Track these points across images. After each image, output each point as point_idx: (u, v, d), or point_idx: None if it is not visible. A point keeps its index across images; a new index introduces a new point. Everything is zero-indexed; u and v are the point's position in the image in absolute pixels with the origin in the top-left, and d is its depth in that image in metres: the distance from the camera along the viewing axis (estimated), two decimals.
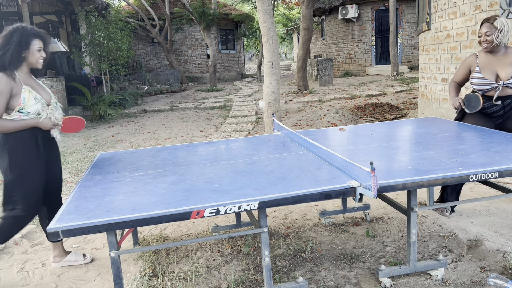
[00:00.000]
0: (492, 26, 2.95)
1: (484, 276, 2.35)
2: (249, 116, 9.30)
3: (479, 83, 3.07)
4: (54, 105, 2.61)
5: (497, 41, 2.96)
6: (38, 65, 2.51)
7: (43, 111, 2.48)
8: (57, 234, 1.68)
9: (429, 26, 6.05)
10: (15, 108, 2.39)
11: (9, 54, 2.36)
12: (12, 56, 2.37)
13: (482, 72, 3.07)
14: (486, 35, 2.98)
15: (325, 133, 3.33)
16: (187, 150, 3.00)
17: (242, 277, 2.46)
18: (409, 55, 16.12)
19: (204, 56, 19.50)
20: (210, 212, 1.79)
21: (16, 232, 2.53)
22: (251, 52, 35.02)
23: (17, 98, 2.39)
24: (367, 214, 3.25)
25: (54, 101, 2.62)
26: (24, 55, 2.43)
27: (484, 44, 3.02)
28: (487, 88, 3.04)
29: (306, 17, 11.41)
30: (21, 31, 2.39)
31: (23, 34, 2.39)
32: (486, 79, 3.04)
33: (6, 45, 2.37)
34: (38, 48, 2.46)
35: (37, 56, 2.47)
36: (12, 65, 2.39)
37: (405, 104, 9.15)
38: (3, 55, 2.36)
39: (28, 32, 2.42)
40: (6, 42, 2.37)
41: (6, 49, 2.36)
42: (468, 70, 3.19)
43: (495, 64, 3.04)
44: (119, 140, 7.34)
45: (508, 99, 3.03)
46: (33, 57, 2.46)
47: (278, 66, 5.54)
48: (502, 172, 2.01)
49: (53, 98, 2.63)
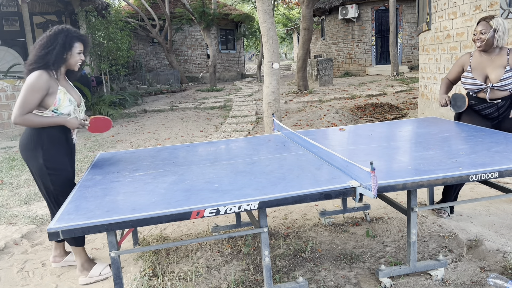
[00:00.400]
0: (487, 25, 2.91)
1: (484, 276, 2.35)
2: (249, 116, 9.30)
3: (468, 83, 3.06)
4: (82, 107, 2.67)
5: (495, 43, 2.91)
6: (75, 68, 2.58)
7: (74, 113, 2.55)
8: (57, 234, 1.68)
9: (429, 26, 6.05)
10: (50, 107, 2.45)
11: (53, 55, 2.42)
12: (56, 57, 2.43)
13: (473, 72, 3.05)
14: (480, 33, 2.94)
15: (325, 133, 3.33)
16: (187, 150, 3.00)
17: (242, 277, 2.46)
18: (409, 55, 16.13)
19: (204, 56, 19.50)
20: (210, 212, 1.79)
21: None
22: (251, 52, 35.02)
23: (52, 98, 2.44)
24: (367, 214, 3.25)
25: (82, 103, 2.68)
26: (65, 57, 2.49)
27: (478, 42, 2.98)
28: (475, 89, 3.03)
29: (306, 17, 11.41)
30: (66, 33, 2.46)
31: (67, 36, 2.46)
32: (475, 79, 3.02)
33: (51, 45, 2.42)
34: (78, 51, 2.53)
35: (77, 59, 2.54)
36: (55, 65, 2.45)
37: (405, 104, 9.15)
38: (46, 55, 2.41)
39: (72, 34, 2.49)
40: (51, 43, 2.43)
41: (50, 49, 2.42)
42: (461, 68, 3.17)
43: (487, 65, 3.00)
44: (119, 140, 7.34)
45: (502, 101, 3.00)
46: (73, 59, 2.52)
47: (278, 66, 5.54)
48: (502, 172, 2.01)
49: (82, 101, 2.69)
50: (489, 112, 3.06)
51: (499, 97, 2.98)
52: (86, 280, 2.56)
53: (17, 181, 4.90)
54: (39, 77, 2.38)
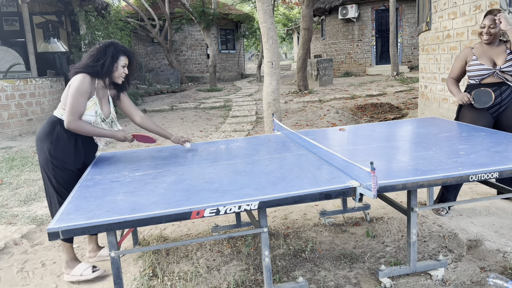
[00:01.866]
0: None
1: (484, 276, 2.35)
2: (249, 116, 9.29)
3: (476, 70, 3.12)
4: (109, 121, 2.72)
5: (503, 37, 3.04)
6: (118, 80, 2.66)
7: (95, 125, 2.59)
8: (57, 234, 1.68)
9: (429, 26, 6.05)
10: None
11: (105, 67, 2.54)
12: (108, 69, 2.55)
13: (479, 59, 3.13)
14: (490, 27, 3.03)
15: (325, 133, 3.33)
16: (187, 150, 3.00)
17: (242, 277, 2.46)
18: (409, 55, 16.13)
19: (204, 56, 19.50)
20: (210, 212, 1.79)
21: None
22: (251, 52, 35.00)
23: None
24: (367, 214, 3.25)
25: (110, 118, 2.73)
26: (112, 68, 2.58)
27: (486, 36, 3.07)
28: (484, 74, 3.09)
29: (306, 17, 11.41)
30: (114, 46, 2.59)
31: (116, 49, 2.58)
32: (483, 64, 3.09)
33: (102, 58, 2.54)
34: (123, 64, 2.63)
35: (121, 72, 2.63)
36: (104, 75, 2.56)
37: (405, 104, 9.15)
38: (95, 65, 2.53)
39: (119, 48, 2.61)
40: (102, 55, 2.55)
41: (102, 61, 2.54)
42: (464, 62, 3.24)
43: (491, 53, 3.12)
44: None
45: (505, 86, 3.08)
46: (117, 72, 2.62)
47: (278, 66, 5.54)
48: (502, 172, 2.01)
49: (112, 115, 2.74)
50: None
51: (503, 80, 3.08)
52: (69, 277, 2.61)
53: (17, 181, 4.89)
54: (83, 80, 2.48)
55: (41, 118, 8.77)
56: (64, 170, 2.53)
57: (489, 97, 3.09)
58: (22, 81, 8.38)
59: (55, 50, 13.32)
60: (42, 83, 9.06)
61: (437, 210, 3.23)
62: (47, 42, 13.29)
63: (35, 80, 8.82)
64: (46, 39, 13.27)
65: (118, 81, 2.66)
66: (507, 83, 3.08)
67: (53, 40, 13.32)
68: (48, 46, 13.32)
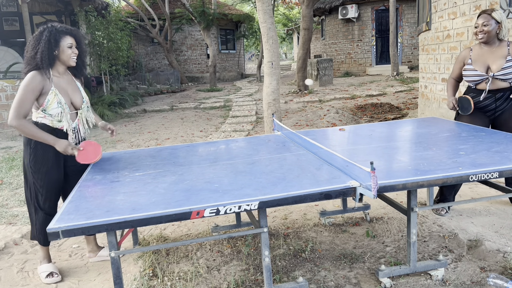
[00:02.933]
0: (489, 17, 2.95)
1: (484, 276, 2.35)
2: (249, 116, 9.29)
3: (470, 75, 3.09)
4: (85, 109, 2.63)
5: (501, 36, 2.97)
6: (70, 62, 2.52)
7: (63, 117, 2.50)
8: (57, 234, 1.68)
9: (429, 26, 6.05)
10: (40, 108, 2.45)
11: (39, 53, 2.39)
12: (43, 55, 2.40)
13: (474, 64, 3.08)
14: (483, 25, 2.98)
15: (325, 133, 3.33)
16: (187, 150, 3.00)
17: (242, 277, 2.46)
18: (409, 55, 16.12)
19: (204, 56, 19.49)
20: (210, 212, 1.79)
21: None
22: (251, 52, 35.01)
23: (44, 97, 2.43)
24: (367, 214, 3.25)
25: (84, 106, 2.64)
26: (55, 53, 2.45)
27: (480, 35, 3.01)
28: (477, 80, 3.05)
29: (306, 17, 11.41)
30: (49, 30, 2.43)
31: (51, 32, 2.42)
32: (476, 70, 3.05)
33: (37, 45, 2.41)
34: (68, 45, 2.47)
35: (68, 53, 2.48)
36: (45, 64, 2.42)
37: (405, 104, 9.15)
38: (35, 55, 2.40)
39: (57, 29, 2.45)
40: (37, 42, 2.41)
41: (37, 48, 2.40)
42: (462, 64, 3.20)
43: (488, 57, 3.04)
44: (119, 140, 7.34)
45: (500, 93, 3.03)
46: (64, 54, 2.47)
47: (278, 66, 5.54)
48: (502, 172, 2.01)
49: (85, 102, 2.65)
50: (486, 104, 3.08)
51: (499, 87, 3.01)
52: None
53: (17, 181, 4.89)
54: (31, 78, 2.38)
55: None
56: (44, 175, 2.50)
57: (469, 104, 3.07)
58: (21, 81, 8.37)
59: None
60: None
61: (437, 210, 3.23)
62: None
63: None
64: None
65: (72, 63, 2.52)
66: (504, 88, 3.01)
67: None
68: None
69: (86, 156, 2.53)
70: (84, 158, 2.52)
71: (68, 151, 2.44)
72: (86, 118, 2.68)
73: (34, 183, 2.51)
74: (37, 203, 2.54)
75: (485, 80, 3.02)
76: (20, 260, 2.91)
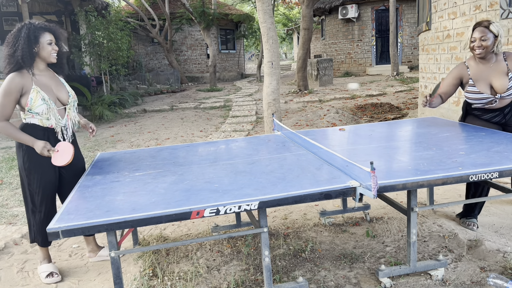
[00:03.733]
0: (487, 30, 2.75)
1: (484, 276, 2.35)
2: (249, 116, 9.29)
3: (475, 98, 2.89)
4: (72, 104, 2.59)
5: (496, 50, 2.80)
6: (51, 59, 2.48)
7: (49, 113, 2.46)
8: (57, 234, 1.68)
9: (429, 26, 6.05)
10: (26, 108, 2.42)
11: (19, 51, 2.35)
12: (23, 52, 2.36)
13: (476, 84, 2.86)
14: (481, 39, 2.76)
15: (325, 133, 3.33)
16: (187, 150, 3.00)
17: (242, 277, 2.46)
18: (409, 55, 16.12)
19: (204, 56, 19.49)
20: (210, 212, 1.79)
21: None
22: (251, 52, 35.00)
23: (26, 97, 2.40)
24: (367, 214, 3.25)
25: (72, 101, 2.59)
26: (35, 50, 2.42)
27: (478, 50, 2.79)
28: (484, 103, 2.88)
29: (306, 17, 11.40)
30: (28, 26, 2.39)
31: (30, 29, 2.39)
32: (482, 93, 2.84)
33: (16, 42, 2.36)
34: (48, 42, 2.44)
35: (49, 50, 2.45)
36: (26, 62, 2.38)
37: (405, 104, 9.15)
38: (14, 53, 2.36)
39: (36, 26, 2.41)
40: (16, 40, 2.37)
41: (16, 46, 2.36)
42: (457, 80, 2.97)
43: (488, 74, 2.84)
44: (119, 140, 7.34)
45: (507, 108, 2.89)
46: (44, 51, 2.44)
47: (278, 66, 5.54)
48: (502, 172, 2.01)
49: (71, 98, 2.60)
50: (496, 120, 2.95)
51: (505, 104, 2.88)
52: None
53: (17, 181, 4.89)
54: (10, 80, 2.35)
55: None
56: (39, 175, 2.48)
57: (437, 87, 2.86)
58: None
59: None
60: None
61: (467, 224, 2.96)
62: None
63: None
64: None
65: (53, 60, 2.48)
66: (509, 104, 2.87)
67: None
68: None
69: (61, 157, 2.42)
70: (59, 160, 2.42)
71: (44, 153, 2.39)
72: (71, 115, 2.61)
73: (29, 185, 2.50)
74: (33, 205, 2.53)
75: (491, 101, 2.85)
76: (20, 260, 2.91)
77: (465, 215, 3.04)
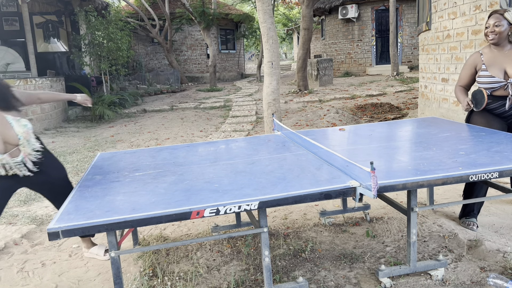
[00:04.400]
0: (502, 17, 2.82)
1: (484, 276, 2.35)
2: (249, 116, 9.29)
3: (487, 82, 2.90)
4: (24, 143, 2.36)
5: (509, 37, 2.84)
6: None
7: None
8: (57, 234, 1.68)
9: (429, 26, 6.06)
10: None
11: None
12: None
13: (489, 69, 2.89)
14: (494, 25, 2.83)
15: (325, 133, 3.33)
16: (187, 150, 3.00)
17: (242, 277, 2.46)
18: (409, 55, 16.12)
19: (204, 56, 19.50)
20: (210, 212, 1.79)
21: None
22: (251, 52, 35.00)
23: None
24: (367, 214, 3.25)
25: (23, 140, 2.35)
26: None
27: (491, 35, 2.86)
28: (495, 87, 2.88)
29: (306, 17, 11.41)
30: None
31: None
32: (494, 76, 2.86)
33: None
34: None
35: None
36: None
37: (405, 104, 9.15)
38: None
39: None
40: None
41: None
42: (473, 69, 3.02)
43: (502, 61, 2.87)
44: (119, 140, 7.34)
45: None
46: None
47: (278, 66, 5.54)
48: (502, 172, 2.01)
49: (21, 135, 2.34)
50: (505, 110, 2.91)
51: None
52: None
53: None
54: None
55: (41, 118, 8.77)
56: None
57: (482, 96, 2.90)
58: (22, 81, 8.38)
59: (55, 50, 13.33)
60: (42, 83, 9.07)
61: (467, 224, 2.98)
62: (47, 42, 13.30)
63: (35, 80, 8.82)
64: (46, 39, 13.28)
65: None
66: None
67: (53, 40, 13.33)
68: (48, 46, 13.33)
69: None
70: None
71: None
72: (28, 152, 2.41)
73: None
74: None
75: (503, 87, 2.85)
76: (20, 260, 2.91)
77: (465, 215, 3.04)
